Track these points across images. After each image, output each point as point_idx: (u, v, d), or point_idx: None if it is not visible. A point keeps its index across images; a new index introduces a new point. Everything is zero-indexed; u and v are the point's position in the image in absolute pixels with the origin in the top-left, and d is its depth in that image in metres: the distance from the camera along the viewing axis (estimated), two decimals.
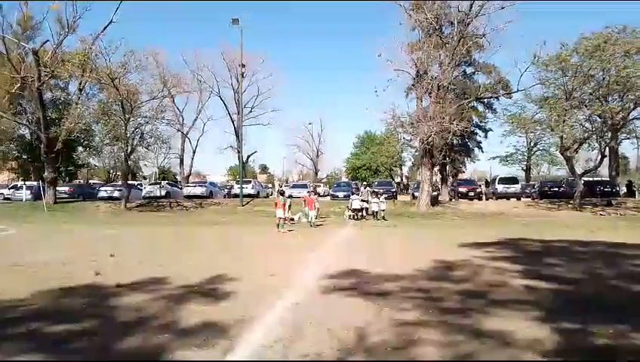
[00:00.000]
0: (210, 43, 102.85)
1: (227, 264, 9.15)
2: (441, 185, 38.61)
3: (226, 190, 40.79)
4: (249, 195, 32.35)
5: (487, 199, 33.75)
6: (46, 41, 29.62)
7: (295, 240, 14.48)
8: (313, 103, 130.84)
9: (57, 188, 31.79)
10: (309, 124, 70.39)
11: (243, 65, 31.47)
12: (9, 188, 39.30)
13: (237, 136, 52.53)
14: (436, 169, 32.84)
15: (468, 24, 25.92)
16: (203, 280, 7.63)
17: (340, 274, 8.15)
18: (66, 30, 29.31)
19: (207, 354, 4.30)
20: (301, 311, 5.83)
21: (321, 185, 48.14)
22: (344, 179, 77.39)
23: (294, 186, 35.64)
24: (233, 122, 52.50)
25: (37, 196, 30.83)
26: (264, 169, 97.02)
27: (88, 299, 6.52)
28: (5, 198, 36.87)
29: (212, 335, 4.77)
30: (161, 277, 7.80)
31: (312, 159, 74.25)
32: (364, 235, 16.41)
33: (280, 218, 17.23)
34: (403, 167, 72.19)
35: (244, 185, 31.85)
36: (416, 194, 30.67)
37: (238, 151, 52.77)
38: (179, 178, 54.14)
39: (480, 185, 37.43)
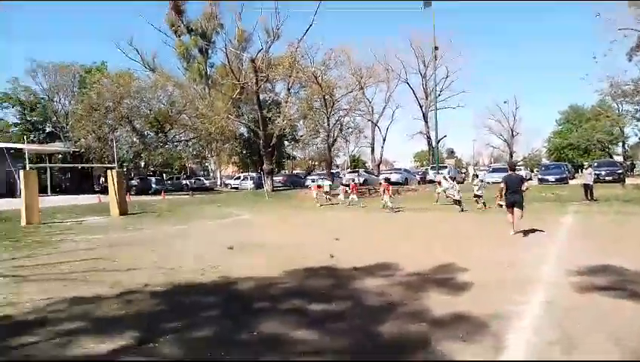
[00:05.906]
0: (394, 30, 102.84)
1: (445, 253, 8.82)
2: None
3: (419, 176, 40.56)
4: None
5: None
6: (260, 50, 33.97)
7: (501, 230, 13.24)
8: (507, 81, 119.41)
9: (274, 178, 36.40)
10: (504, 102, 65.37)
11: (436, 48, 30.57)
12: (235, 179, 47.25)
13: (425, 122, 51.89)
14: None
15: None
16: (432, 268, 7.53)
17: (588, 269, 7.08)
18: (272, 37, 33.09)
19: (478, 350, 4.14)
20: (559, 311, 5.21)
21: (522, 168, 43.61)
22: (544, 160, 69.77)
23: (494, 171, 32.80)
24: (421, 107, 52.01)
25: (258, 185, 35.87)
26: (451, 153, 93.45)
27: (331, 280, 7.03)
28: (233, 187, 44.26)
29: (471, 330, 4.60)
30: (390, 263, 7.94)
31: (505, 140, 68.65)
32: (584, 223, 13.89)
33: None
34: (625, 144, 60.96)
35: (440, 171, 31.02)
36: None
37: (428, 137, 52.14)
38: (369, 166, 56.21)
39: None
